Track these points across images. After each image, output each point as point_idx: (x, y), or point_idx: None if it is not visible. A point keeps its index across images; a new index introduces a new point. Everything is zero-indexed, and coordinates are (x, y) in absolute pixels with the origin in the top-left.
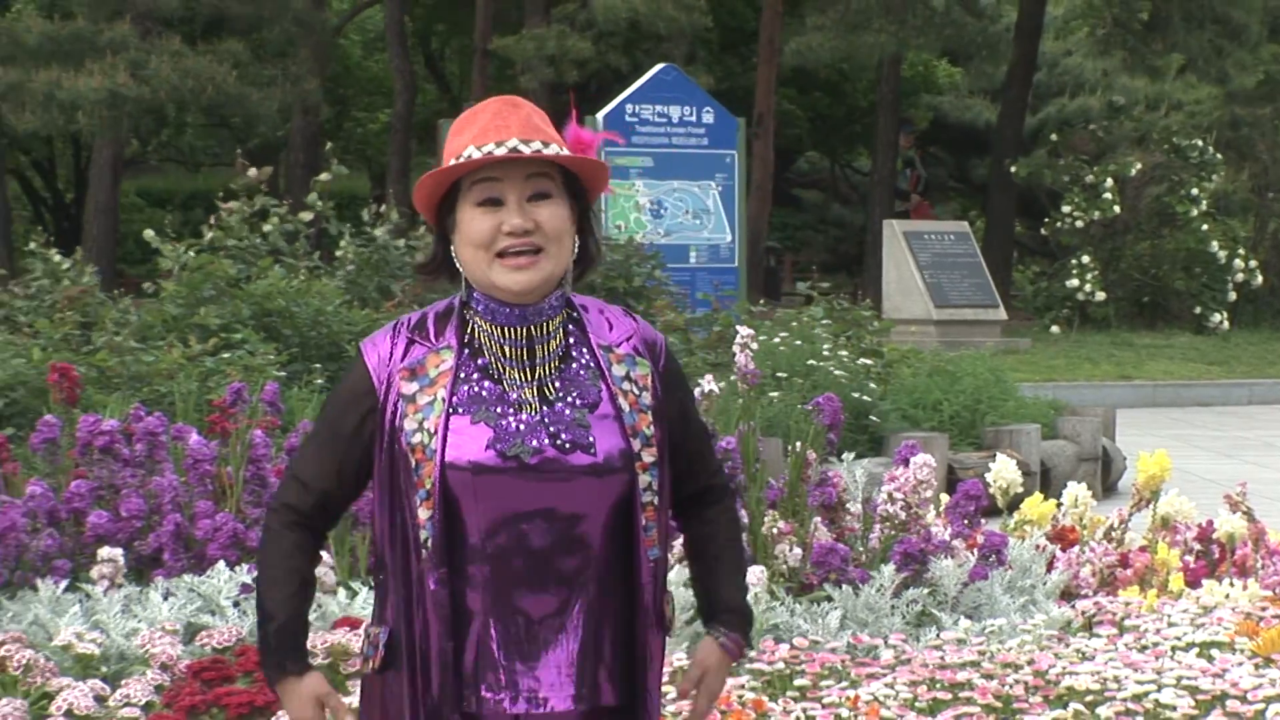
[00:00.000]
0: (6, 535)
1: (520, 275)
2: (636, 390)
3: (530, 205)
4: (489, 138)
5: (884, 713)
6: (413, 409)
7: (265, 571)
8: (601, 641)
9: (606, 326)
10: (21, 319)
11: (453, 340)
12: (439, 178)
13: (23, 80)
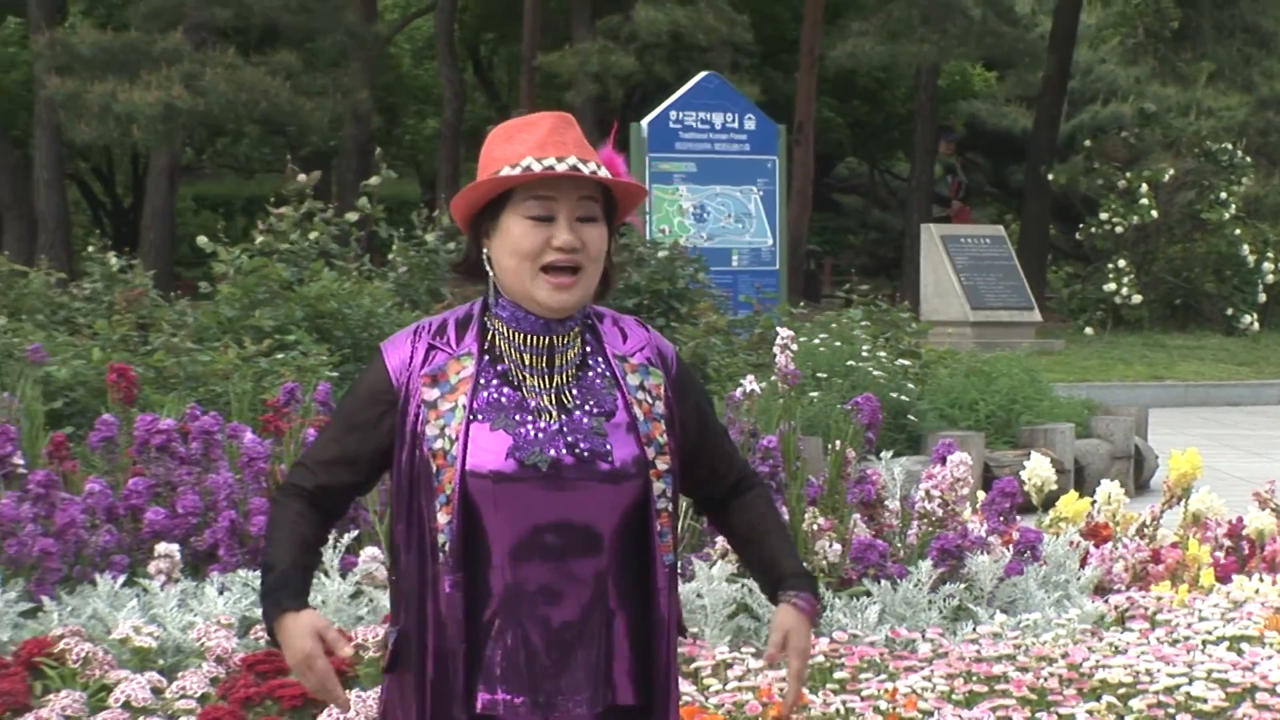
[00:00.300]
0: (66, 531)
1: (561, 295)
2: (650, 399)
3: (578, 225)
4: (549, 151)
5: (921, 705)
6: (434, 415)
7: (269, 534)
8: (619, 645)
9: (620, 337)
10: (80, 320)
11: (473, 347)
12: (494, 184)
13: (80, 91)
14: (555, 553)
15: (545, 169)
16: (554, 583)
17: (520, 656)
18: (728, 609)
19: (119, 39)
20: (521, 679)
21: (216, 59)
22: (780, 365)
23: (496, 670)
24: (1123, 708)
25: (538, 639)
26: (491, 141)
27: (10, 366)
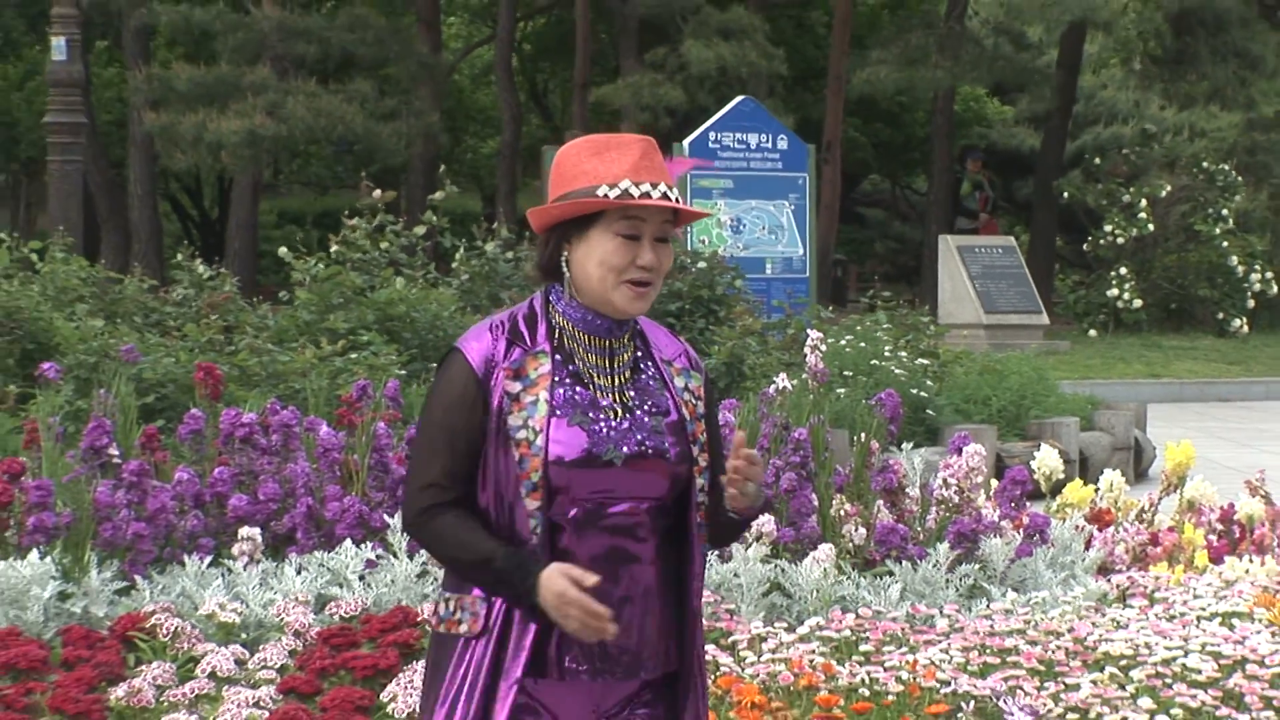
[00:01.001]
0: (157, 516)
1: (638, 303)
2: (694, 400)
3: (657, 244)
4: (643, 177)
5: (939, 675)
6: (517, 407)
7: (450, 549)
8: (663, 620)
9: (665, 345)
10: (171, 323)
11: (546, 345)
12: (593, 203)
13: (174, 123)
14: (614, 534)
15: (643, 195)
16: (610, 562)
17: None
18: (762, 588)
19: (211, 73)
20: (587, 648)
21: (298, 88)
22: (810, 364)
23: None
24: (1124, 678)
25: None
26: (579, 154)
27: (107, 365)
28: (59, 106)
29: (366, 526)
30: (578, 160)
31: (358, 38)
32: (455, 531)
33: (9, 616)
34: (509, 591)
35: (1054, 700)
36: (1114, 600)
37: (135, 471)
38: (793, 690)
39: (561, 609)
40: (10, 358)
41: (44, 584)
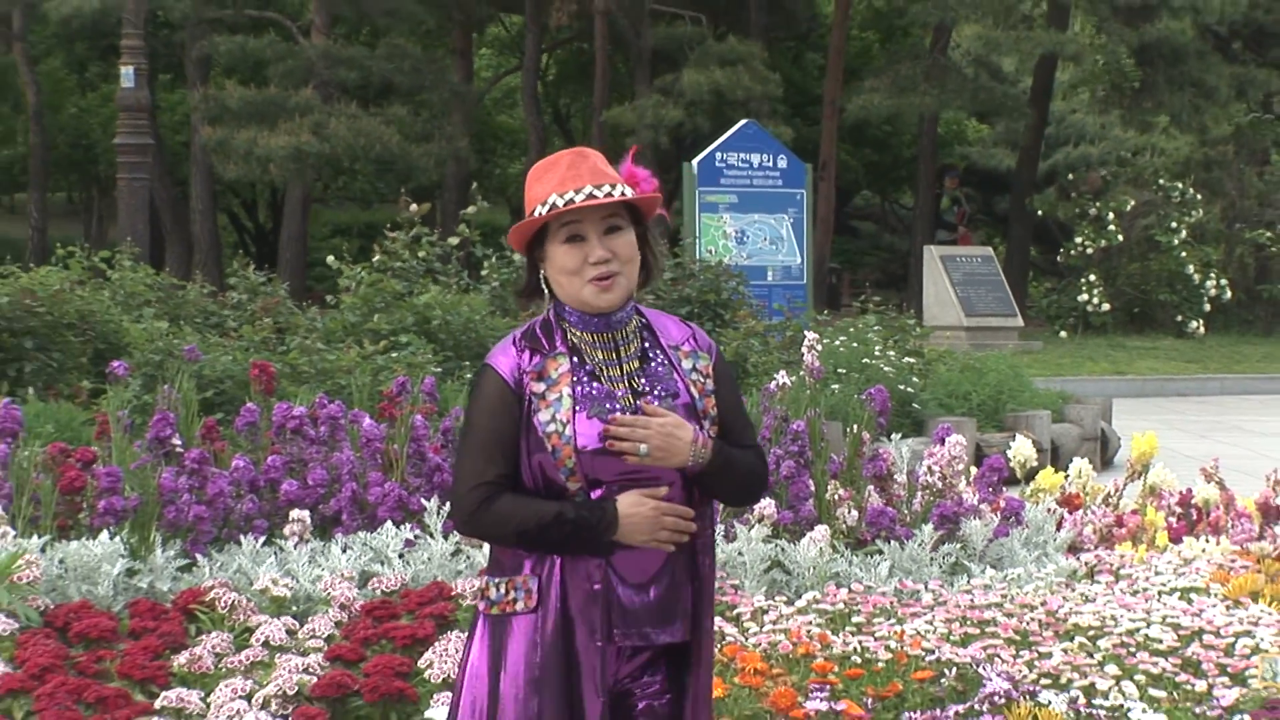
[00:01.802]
0: (216, 500)
1: (606, 295)
2: (701, 379)
3: (607, 237)
4: (568, 186)
5: (924, 644)
6: (544, 404)
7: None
8: (682, 590)
9: (671, 331)
10: (229, 325)
11: (563, 348)
12: (532, 224)
13: (227, 138)
14: None
15: (566, 203)
16: None
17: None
18: (763, 565)
19: (261, 94)
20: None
21: (340, 110)
22: (807, 362)
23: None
24: (1092, 646)
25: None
26: (528, 183)
27: (170, 363)
28: (127, 129)
29: (405, 509)
30: (528, 188)
31: (395, 66)
32: (516, 506)
33: (82, 591)
34: (587, 535)
35: (1028, 667)
36: (1083, 576)
37: (196, 459)
38: (791, 658)
39: (655, 521)
40: (83, 356)
41: (113, 561)
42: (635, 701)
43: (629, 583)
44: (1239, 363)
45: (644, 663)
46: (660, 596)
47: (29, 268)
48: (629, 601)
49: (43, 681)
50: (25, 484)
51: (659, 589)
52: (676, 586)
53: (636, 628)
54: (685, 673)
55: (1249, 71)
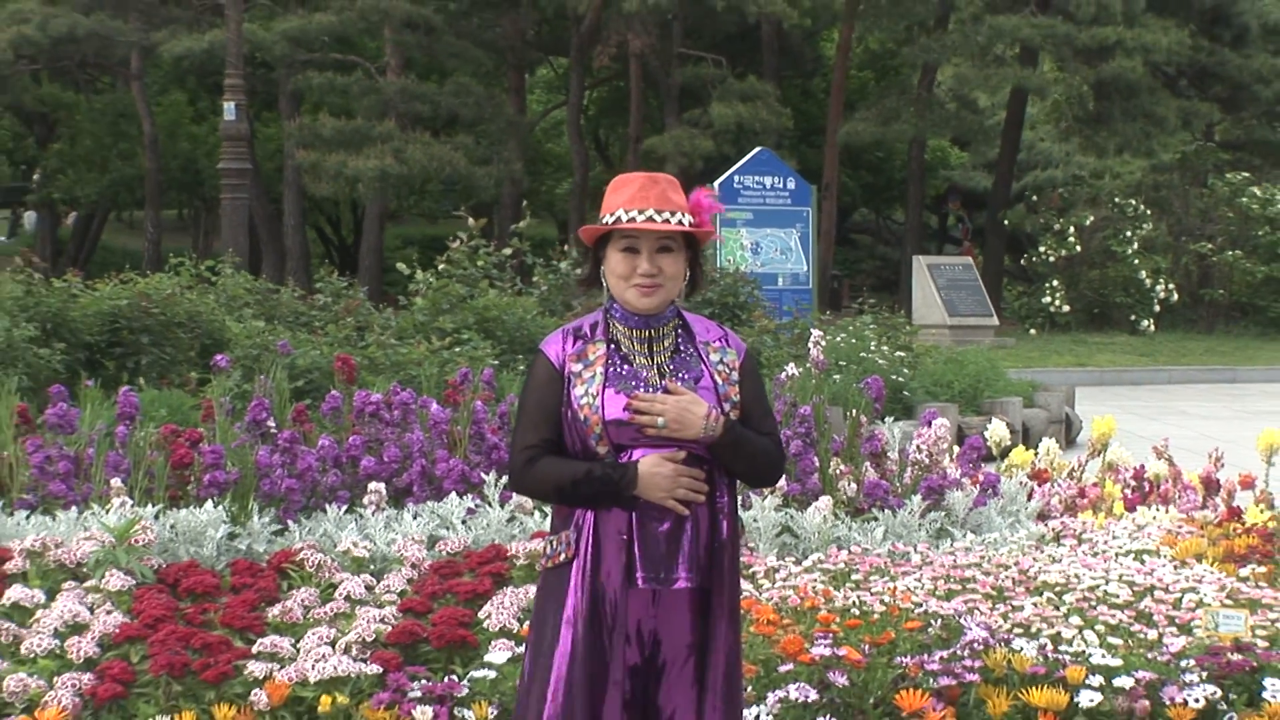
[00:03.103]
0: (305, 474)
1: (645, 300)
2: (727, 370)
3: (658, 255)
4: (635, 205)
5: (914, 599)
6: (580, 381)
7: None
8: (699, 542)
9: (705, 331)
10: (316, 324)
11: (602, 337)
12: (600, 229)
13: (319, 161)
14: None
15: (629, 220)
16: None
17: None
18: (775, 530)
19: (350, 124)
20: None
21: (415, 138)
22: (812, 356)
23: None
24: (1058, 601)
25: (655, 535)
26: (608, 191)
27: (266, 356)
28: (229, 156)
29: (467, 482)
30: (607, 195)
31: (461, 101)
32: (552, 465)
33: (189, 552)
34: (610, 490)
35: (1003, 618)
36: (1050, 540)
37: (288, 439)
38: (799, 610)
39: (673, 480)
40: (192, 351)
41: (217, 527)
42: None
43: (652, 536)
44: (1184, 356)
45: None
46: (678, 549)
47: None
48: (652, 551)
49: (156, 630)
50: (142, 460)
51: (678, 542)
52: (696, 542)
53: (655, 572)
54: (711, 621)
55: (1193, 105)
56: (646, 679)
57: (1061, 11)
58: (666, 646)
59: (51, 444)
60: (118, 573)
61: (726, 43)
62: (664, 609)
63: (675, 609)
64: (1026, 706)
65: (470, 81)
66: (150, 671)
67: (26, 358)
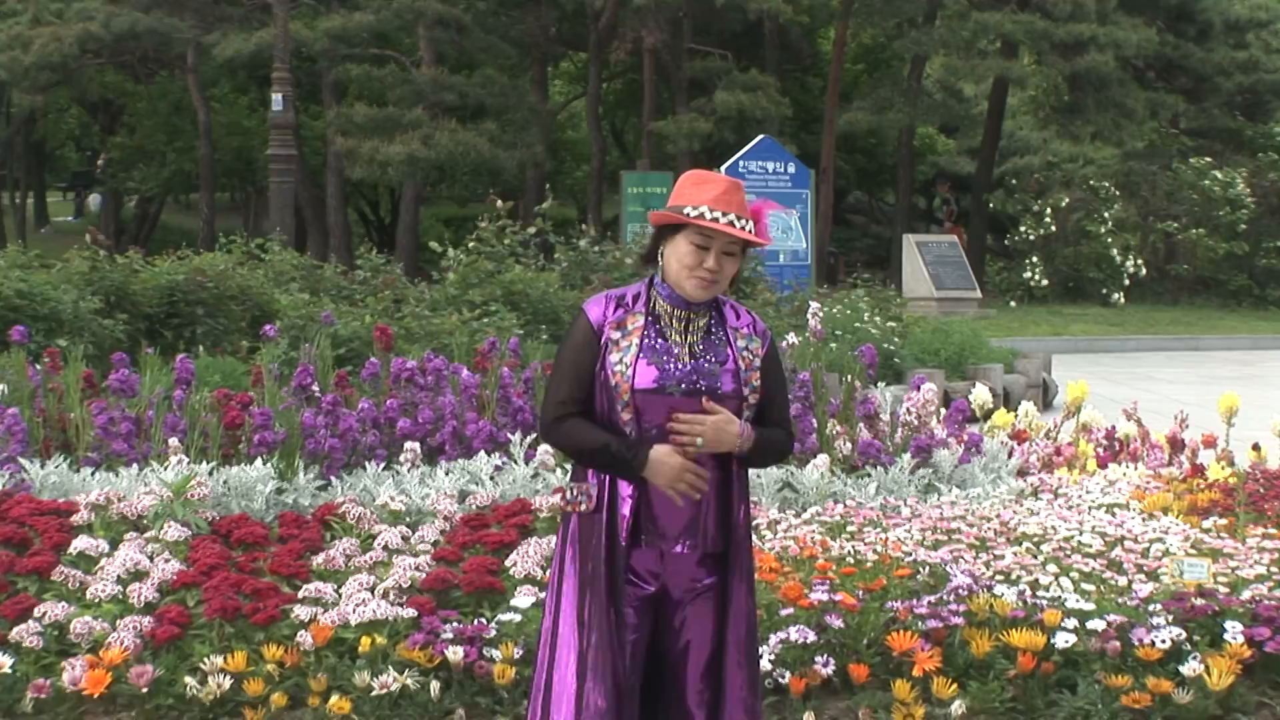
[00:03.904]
0: (346, 434)
1: (702, 292)
2: (751, 356)
3: (723, 256)
4: (720, 207)
5: (904, 548)
6: (616, 349)
7: (576, 441)
8: (712, 508)
9: (735, 317)
10: (356, 297)
11: (643, 309)
12: (678, 218)
13: (355, 147)
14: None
15: (713, 219)
16: None
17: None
18: (776, 486)
19: (382, 113)
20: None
21: (444, 126)
22: (811, 326)
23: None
24: (1036, 550)
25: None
26: (686, 181)
27: (311, 326)
28: (277, 143)
29: (495, 442)
30: (685, 185)
31: (487, 91)
32: (580, 429)
33: (240, 506)
34: (623, 467)
35: (986, 567)
36: (1028, 495)
37: (331, 402)
38: (798, 559)
39: (677, 474)
40: (243, 321)
41: (265, 483)
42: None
43: (662, 507)
44: (1151, 326)
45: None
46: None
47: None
48: (659, 518)
49: (210, 577)
50: (197, 421)
51: (683, 515)
52: (701, 516)
53: (658, 537)
54: (727, 577)
55: (1160, 96)
56: (656, 619)
57: (1040, 9)
58: (674, 588)
59: (114, 407)
60: (175, 524)
61: (732, 39)
62: (670, 563)
63: (682, 562)
64: (1007, 647)
65: (496, 73)
66: (205, 615)
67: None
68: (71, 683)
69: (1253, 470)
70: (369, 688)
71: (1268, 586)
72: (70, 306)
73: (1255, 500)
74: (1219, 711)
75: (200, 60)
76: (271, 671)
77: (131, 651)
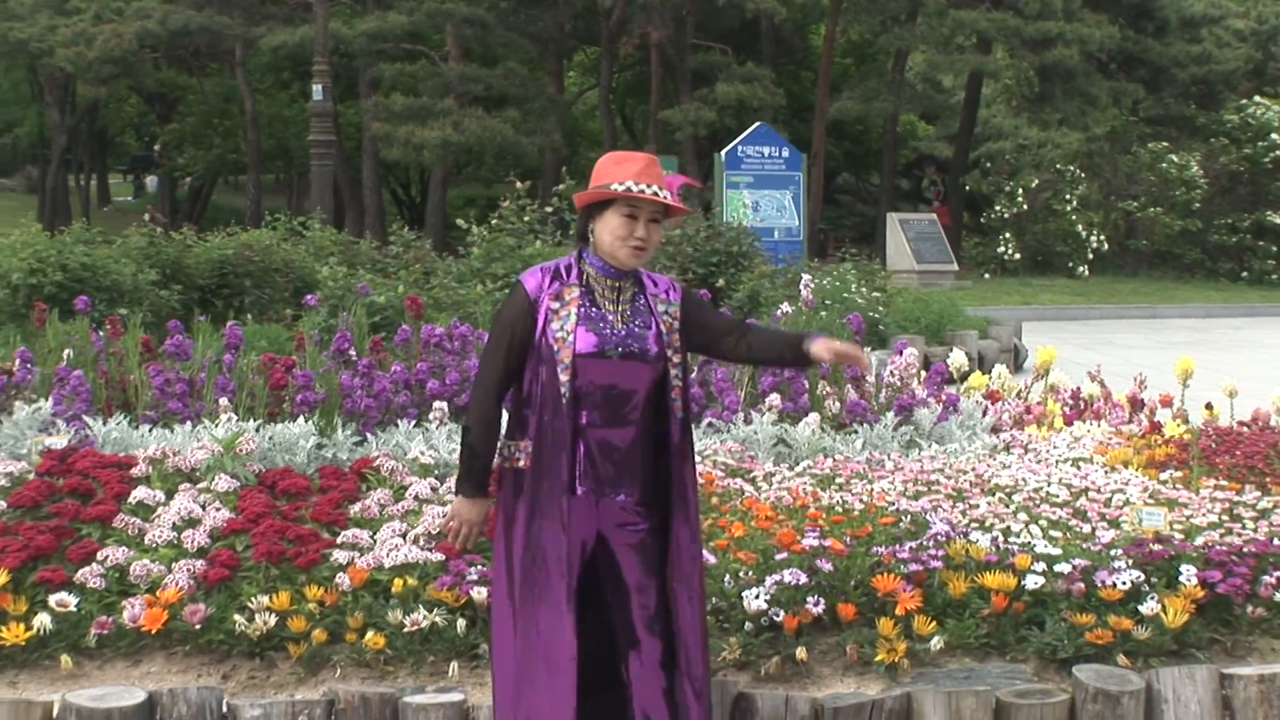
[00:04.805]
0: (380, 394)
1: (635, 259)
2: (670, 318)
3: (649, 224)
4: (643, 180)
5: (887, 498)
6: (557, 318)
7: (476, 427)
8: (649, 460)
9: (654, 285)
10: (390, 269)
11: (576, 281)
12: (609, 193)
13: (391, 132)
14: (617, 403)
15: (639, 191)
16: (613, 420)
17: (593, 464)
18: (772, 441)
19: (416, 102)
20: (594, 477)
21: (471, 114)
22: (803, 296)
23: (579, 471)
24: (1008, 500)
25: (602, 454)
26: (607, 162)
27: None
28: (317, 130)
29: None
30: (606, 165)
31: (509, 83)
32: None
33: (284, 459)
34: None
35: (962, 515)
36: (1001, 449)
37: (366, 365)
38: (792, 508)
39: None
40: (286, 292)
41: (307, 439)
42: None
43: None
44: (1113, 296)
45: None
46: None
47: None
48: (599, 470)
49: (257, 524)
50: (244, 383)
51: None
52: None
53: (597, 486)
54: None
55: (1121, 86)
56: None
57: (1012, 7)
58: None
59: (170, 369)
60: (225, 476)
61: (731, 34)
62: (605, 511)
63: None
64: (981, 588)
65: (518, 67)
66: (252, 558)
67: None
68: (131, 620)
69: (1205, 427)
70: (401, 625)
71: (1219, 533)
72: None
73: (1208, 455)
74: (1174, 647)
75: (247, 54)
76: (313, 610)
77: (185, 591)
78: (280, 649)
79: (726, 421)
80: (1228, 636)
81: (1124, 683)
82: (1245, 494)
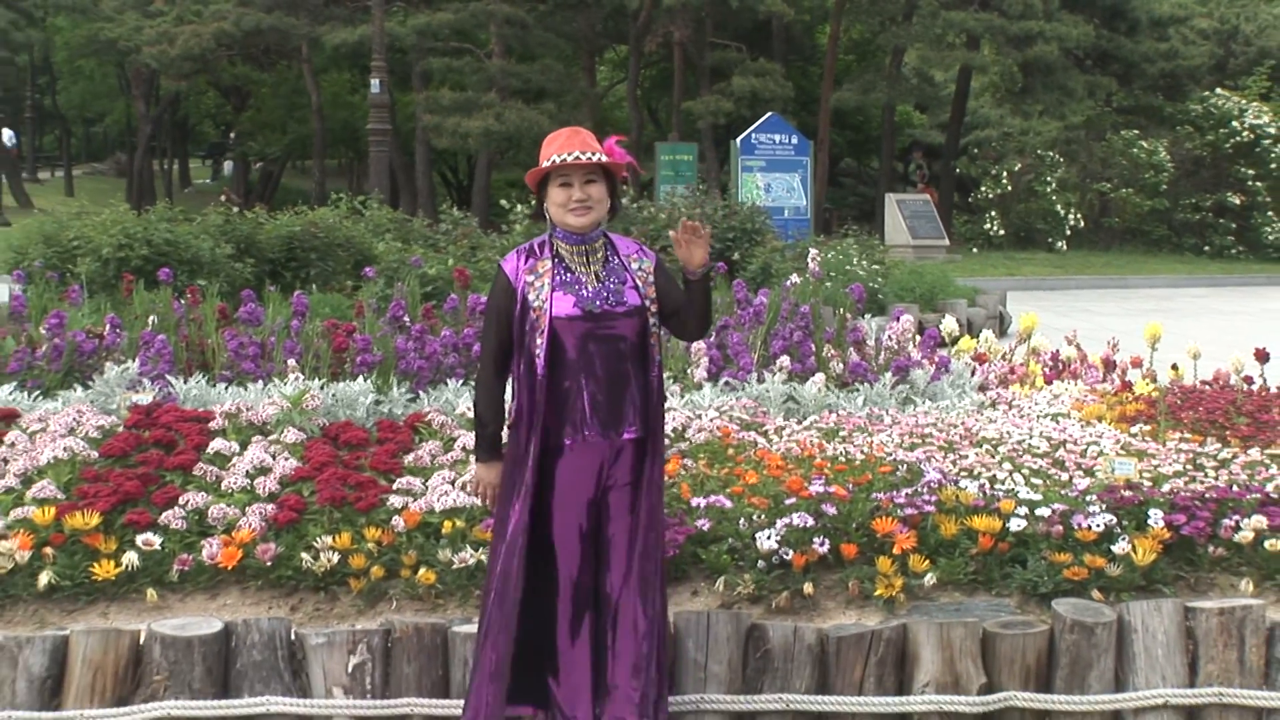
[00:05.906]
0: (431, 356)
1: (580, 219)
2: (645, 274)
3: (586, 185)
4: (565, 149)
5: (886, 450)
6: (533, 290)
7: (484, 396)
8: (634, 403)
9: (625, 246)
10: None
11: (548, 255)
12: (540, 171)
13: (440, 123)
14: (601, 356)
15: (563, 160)
16: (597, 373)
17: (581, 412)
18: (782, 399)
19: (462, 96)
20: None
21: (512, 105)
22: (810, 269)
23: (565, 421)
24: (994, 451)
25: (588, 403)
26: (542, 147)
27: (403, 269)
28: (375, 119)
29: None
30: (542, 149)
31: (546, 77)
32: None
33: (346, 414)
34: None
35: (953, 465)
36: (988, 406)
37: (419, 331)
38: (800, 458)
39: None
40: (348, 265)
41: (366, 396)
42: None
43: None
44: (1088, 268)
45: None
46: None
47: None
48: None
49: (321, 472)
50: (310, 346)
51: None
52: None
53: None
54: (646, 463)
55: (1096, 80)
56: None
57: (997, 8)
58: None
59: (243, 334)
60: (293, 429)
61: (745, 34)
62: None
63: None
64: (970, 530)
65: (554, 63)
66: (317, 503)
67: (225, 270)
68: (209, 557)
69: (1172, 386)
70: (450, 562)
71: (1184, 481)
72: (208, 252)
73: (1174, 410)
74: (1143, 583)
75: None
76: (371, 549)
77: (258, 532)
78: (342, 584)
79: (741, 381)
80: (1191, 574)
81: (1098, 615)
82: (1207, 446)
